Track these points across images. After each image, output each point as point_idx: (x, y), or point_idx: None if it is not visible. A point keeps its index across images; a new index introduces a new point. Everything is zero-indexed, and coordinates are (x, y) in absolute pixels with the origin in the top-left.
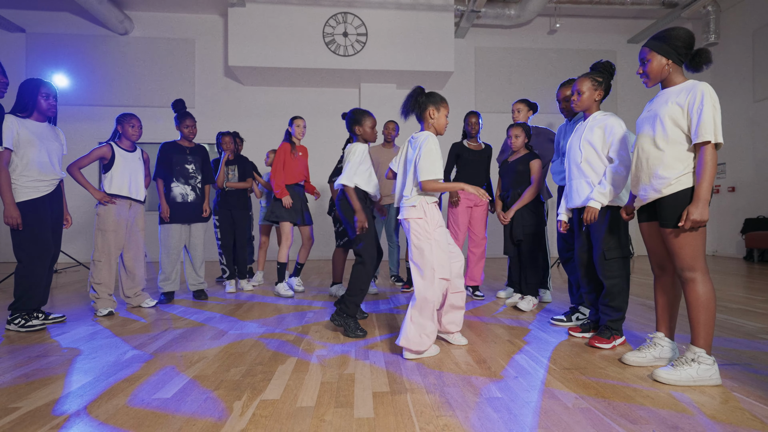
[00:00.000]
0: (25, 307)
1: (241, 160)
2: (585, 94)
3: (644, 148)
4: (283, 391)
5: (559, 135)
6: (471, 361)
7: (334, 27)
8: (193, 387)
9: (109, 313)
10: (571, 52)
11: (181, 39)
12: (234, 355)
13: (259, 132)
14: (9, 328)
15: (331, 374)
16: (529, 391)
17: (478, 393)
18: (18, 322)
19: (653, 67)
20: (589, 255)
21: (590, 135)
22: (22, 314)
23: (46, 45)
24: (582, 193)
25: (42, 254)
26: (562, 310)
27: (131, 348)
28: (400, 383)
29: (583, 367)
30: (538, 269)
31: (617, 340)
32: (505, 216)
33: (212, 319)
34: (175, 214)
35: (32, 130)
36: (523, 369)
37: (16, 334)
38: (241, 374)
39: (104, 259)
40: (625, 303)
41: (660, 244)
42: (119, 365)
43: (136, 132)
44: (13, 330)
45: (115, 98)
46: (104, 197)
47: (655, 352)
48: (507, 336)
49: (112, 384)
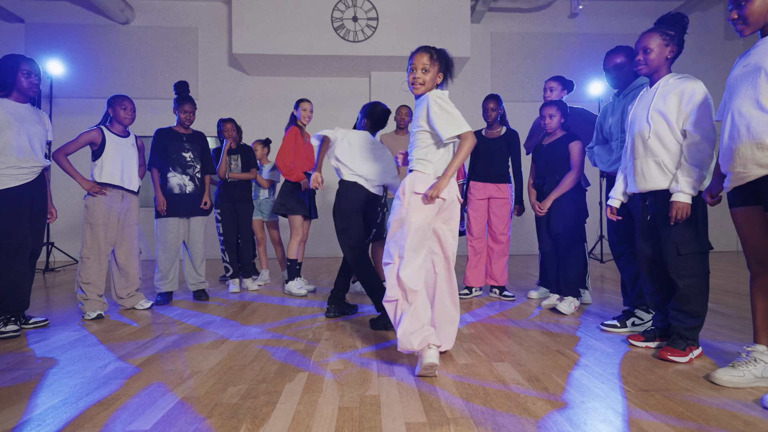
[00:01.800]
0: (6, 309)
1: (244, 149)
2: (654, 51)
3: (743, 112)
4: (291, 421)
5: (604, 115)
6: (520, 378)
7: (342, 11)
8: (180, 413)
9: (98, 316)
10: (593, 36)
11: (183, 28)
12: (233, 368)
13: (265, 123)
14: None
15: (351, 396)
16: (606, 423)
17: (541, 425)
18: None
19: (755, 8)
20: (654, 249)
21: (662, 103)
22: (1, 318)
23: (46, 35)
24: (649, 175)
25: (18, 250)
26: (605, 312)
27: (115, 359)
28: (438, 410)
29: (663, 389)
30: (579, 266)
31: (694, 351)
32: (541, 206)
33: (212, 324)
34: (173, 207)
35: (11, 111)
36: (588, 390)
37: None
38: (240, 395)
39: (93, 256)
40: (704, 307)
41: (761, 234)
42: (96, 382)
43: (129, 115)
44: None
45: (116, 89)
46: (93, 187)
47: (755, 370)
48: (554, 345)
49: (82, 410)
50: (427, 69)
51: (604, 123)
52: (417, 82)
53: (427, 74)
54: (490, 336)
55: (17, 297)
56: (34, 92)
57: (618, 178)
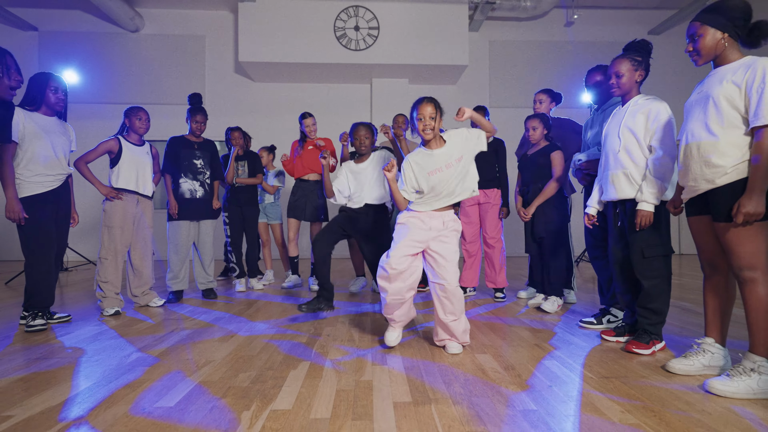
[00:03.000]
0: (34, 305)
1: (250, 155)
2: (625, 76)
3: (695, 134)
4: (296, 400)
5: (586, 127)
6: (498, 367)
7: (345, 21)
8: (198, 394)
9: (115, 313)
10: (589, 44)
11: (191, 35)
12: (243, 358)
13: (270, 128)
14: (21, 323)
15: (347, 381)
16: (566, 403)
17: (510, 404)
18: (27, 321)
19: (705, 42)
20: (624, 253)
21: (631, 121)
22: (30, 313)
23: (58, 43)
24: (619, 185)
25: (44, 250)
26: (587, 311)
27: (136, 350)
28: (422, 392)
29: (623, 376)
30: (561, 268)
31: (657, 345)
32: (526, 212)
33: (221, 320)
34: (184, 211)
35: (39, 123)
36: (556, 377)
37: (19, 335)
38: (250, 380)
39: (111, 257)
40: (666, 305)
41: (711, 240)
42: (122, 369)
43: (144, 125)
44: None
45: (126, 95)
46: (110, 192)
47: (704, 359)
48: (533, 339)
49: (113, 390)
50: (434, 117)
51: (585, 135)
52: (428, 128)
53: (434, 121)
54: (477, 332)
55: (44, 293)
56: (60, 107)
57: (594, 188)
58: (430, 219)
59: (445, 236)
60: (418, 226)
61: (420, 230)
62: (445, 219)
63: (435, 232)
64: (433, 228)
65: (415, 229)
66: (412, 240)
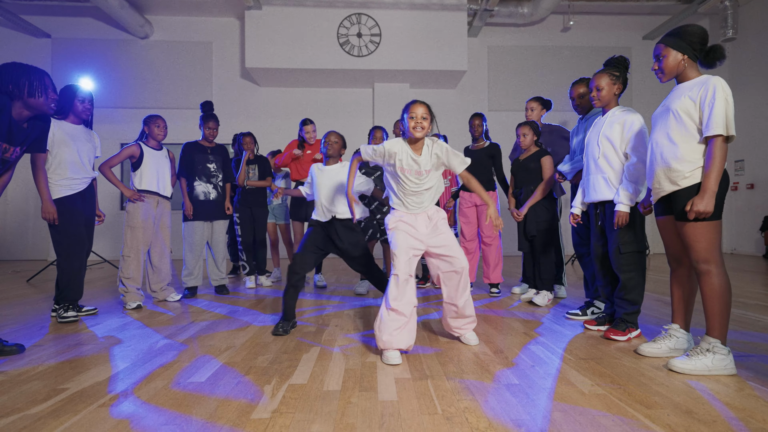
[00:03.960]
0: (66, 298)
1: (260, 159)
2: (604, 90)
3: (658, 142)
4: (310, 376)
5: (573, 134)
6: (488, 351)
7: (348, 28)
8: (225, 372)
9: (137, 307)
10: (585, 49)
11: (199, 42)
12: (260, 344)
13: (275, 132)
14: (52, 315)
15: (354, 362)
16: (545, 379)
17: (495, 380)
18: (58, 313)
19: (668, 62)
20: (604, 249)
21: (609, 130)
22: (63, 305)
23: (71, 50)
24: (598, 188)
25: (76, 248)
26: (577, 305)
27: (162, 338)
28: (420, 370)
29: (598, 358)
30: (551, 265)
31: (633, 332)
32: (518, 213)
33: (235, 312)
34: (198, 212)
35: (67, 131)
36: (539, 359)
37: (53, 326)
38: (269, 361)
39: (133, 255)
40: (640, 296)
41: (676, 237)
42: (153, 353)
43: (161, 132)
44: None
45: (136, 101)
46: (134, 194)
47: (670, 343)
48: (522, 329)
49: (150, 370)
50: (426, 117)
51: (571, 142)
52: (419, 126)
53: (426, 121)
54: None
55: (75, 288)
56: (86, 115)
57: (578, 190)
58: (415, 219)
59: (437, 229)
60: (408, 232)
61: (412, 238)
62: (429, 213)
63: (426, 230)
64: (421, 227)
65: (407, 237)
66: (410, 247)
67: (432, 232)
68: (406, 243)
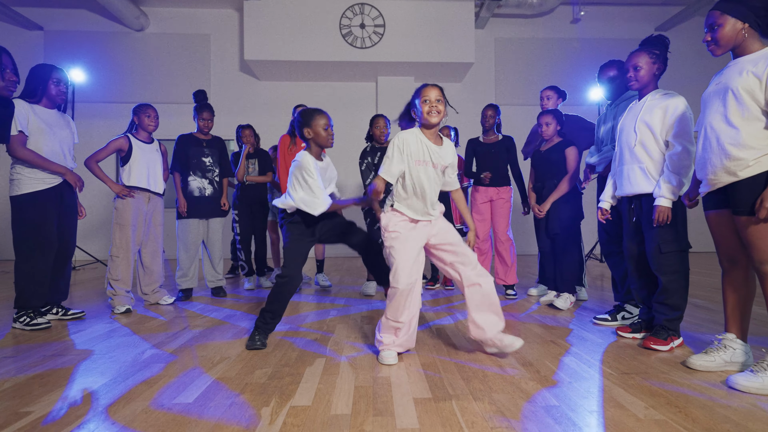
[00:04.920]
0: (27, 304)
1: (261, 153)
2: (643, 69)
3: (714, 126)
4: (314, 396)
5: (599, 123)
6: (515, 363)
7: (350, 19)
8: (216, 390)
9: (126, 311)
10: (595, 41)
11: (196, 34)
12: (258, 355)
13: (275, 127)
14: (15, 326)
15: (365, 377)
16: (587, 398)
17: (531, 400)
18: (23, 320)
19: (725, 32)
20: (640, 248)
21: (648, 115)
22: (28, 312)
23: (64, 42)
24: (634, 180)
25: (43, 249)
26: (599, 307)
27: (150, 347)
28: (442, 388)
29: (643, 372)
30: (575, 265)
31: (675, 341)
32: (540, 209)
33: (232, 317)
34: (193, 209)
35: (42, 117)
36: (575, 373)
37: (22, 333)
38: (267, 377)
39: (122, 255)
40: (684, 301)
41: (731, 234)
42: (138, 365)
43: (153, 123)
44: (19, 328)
45: (132, 95)
46: (123, 190)
47: (725, 355)
48: (548, 336)
49: (131, 386)
50: (440, 100)
51: (598, 131)
52: (434, 111)
53: (441, 104)
54: None
55: (37, 292)
56: (61, 99)
57: (608, 182)
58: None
59: (440, 227)
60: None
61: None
62: None
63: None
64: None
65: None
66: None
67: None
68: (409, 253)
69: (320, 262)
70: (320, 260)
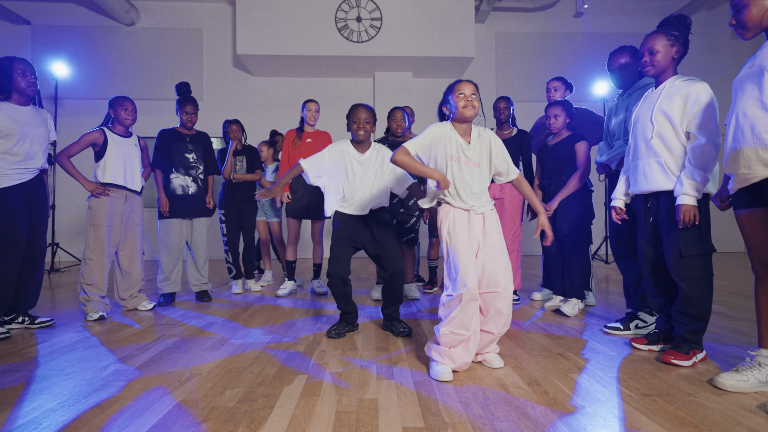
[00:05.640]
0: None
1: (249, 150)
2: (660, 52)
3: (747, 113)
4: (288, 424)
5: (609, 116)
6: (520, 381)
7: (346, 12)
8: (176, 417)
9: (100, 318)
10: (599, 35)
11: (188, 29)
12: (232, 371)
13: (270, 123)
14: None
15: (349, 400)
16: (606, 428)
17: (539, 429)
18: None
19: (751, 14)
20: (656, 251)
21: (666, 104)
22: None
23: (52, 37)
24: (651, 176)
25: (9, 252)
26: (608, 314)
27: (116, 360)
28: (436, 414)
29: (666, 393)
30: (584, 268)
31: (698, 355)
32: (548, 207)
33: (213, 325)
34: (175, 208)
35: (13, 116)
36: (589, 394)
37: None
38: (238, 398)
39: (96, 257)
40: (707, 310)
41: (767, 236)
42: (95, 384)
43: (130, 116)
44: None
45: (122, 91)
46: (96, 188)
47: (760, 375)
48: (555, 348)
49: (81, 412)
50: (476, 95)
51: (609, 123)
52: (470, 105)
53: (476, 100)
54: None
55: (3, 298)
56: (33, 91)
57: (620, 178)
58: (469, 217)
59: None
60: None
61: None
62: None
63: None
64: (475, 223)
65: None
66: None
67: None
68: (468, 248)
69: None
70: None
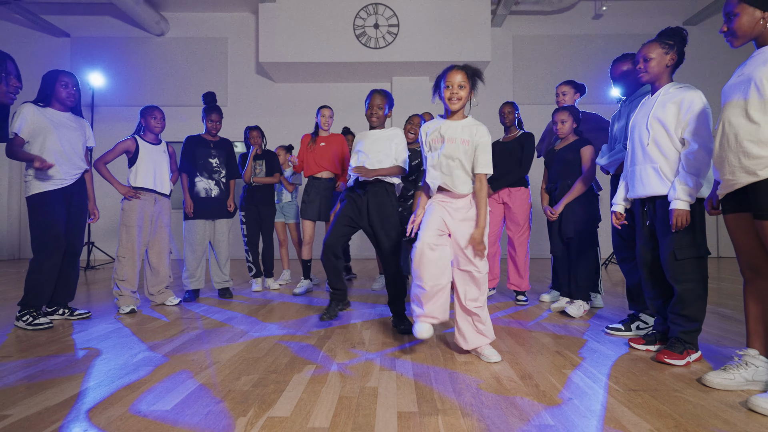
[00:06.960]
0: (31, 303)
1: (268, 154)
2: (654, 60)
3: (732, 122)
4: (295, 406)
5: (614, 120)
6: (514, 376)
7: (364, 19)
8: (198, 397)
9: (131, 311)
10: (618, 37)
11: (214, 38)
12: (248, 360)
13: (291, 128)
14: (17, 324)
15: (351, 387)
16: (587, 418)
17: (524, 418)
18: (26, 320)
19: (742, 23)
20: (653, 254)
21: (661, 111)
22: (30, 311)
23: (89, 48)
24: (647, 181)
25: (51, 250)
26: (615, 316)
27: (145, 349)
28: (430, 401)
29: (653, 389)
30: (590, 270)
31: (692, 355)
32: (553, 211)
33: (233, 319)
34: (199, 210)
35: (50, 117)
36: (578, 388)
37: (24, 333)
38: (252, 384)
39: (128, 255)
40: (701, 312)
41: (752, 240)
42: (127, 368)
43: (159, 124)
44: (21, 327)
45: (151, 97)
46: (129, 191)
47: (746, 373)
48: (554, 346)
49: (114, 390)
50: (462, 86)
51: (612, 128)
52: (454, 97)
53: (463, 90)
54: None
55: (41, 292)
56: (71, 102)
57: (620, 184)
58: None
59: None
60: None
61: (443, 210)
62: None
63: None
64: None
65: (438, 208)
66: (437, 216)
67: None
68: (436, 213)
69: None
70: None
